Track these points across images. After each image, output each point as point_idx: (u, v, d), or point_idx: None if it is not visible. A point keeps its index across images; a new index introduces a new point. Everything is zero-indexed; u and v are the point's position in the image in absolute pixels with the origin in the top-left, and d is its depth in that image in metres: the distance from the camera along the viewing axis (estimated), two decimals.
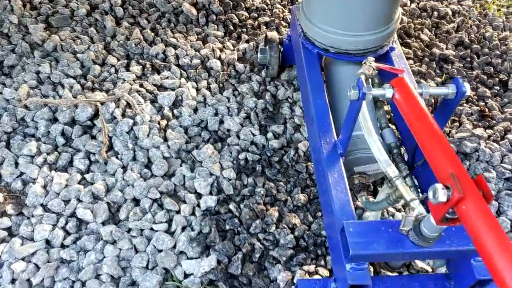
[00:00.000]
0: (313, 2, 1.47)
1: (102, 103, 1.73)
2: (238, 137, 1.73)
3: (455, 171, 0.83)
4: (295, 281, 1.38)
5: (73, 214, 1.48)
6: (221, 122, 1.76)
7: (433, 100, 1.88)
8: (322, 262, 1.43)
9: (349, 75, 1.51)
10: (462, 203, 0.79)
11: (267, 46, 1.86)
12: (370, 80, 1.25)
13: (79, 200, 1.50)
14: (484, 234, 0.76)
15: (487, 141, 1.78)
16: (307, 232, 1.50)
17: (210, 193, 1.56)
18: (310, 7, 1.50)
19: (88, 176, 1.56)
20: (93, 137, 1.68)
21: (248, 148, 1.70)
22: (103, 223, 1.46)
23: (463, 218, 0.80)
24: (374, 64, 1.21)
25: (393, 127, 1.67)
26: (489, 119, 1.89)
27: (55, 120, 1.71)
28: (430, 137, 0.94)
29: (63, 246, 1.42)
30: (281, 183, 1.62)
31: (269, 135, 1.74)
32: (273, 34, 1.88)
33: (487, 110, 1.92)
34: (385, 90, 1.05)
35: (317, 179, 1.35)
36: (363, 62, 1.21)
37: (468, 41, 2.22)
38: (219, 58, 1.98)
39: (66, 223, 1.45)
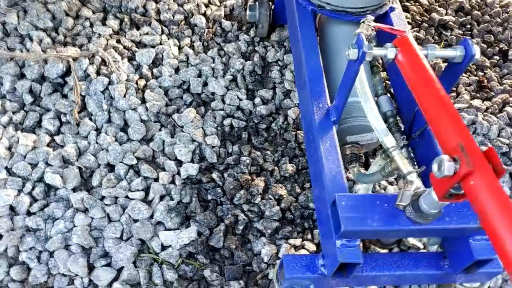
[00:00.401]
0: None
1: (74, 59, 1.60)
2: (223, 101, 1.62)
3: (464, 141, 0.75)
4: (280, 255, 1.31)
5: (40, 179, 1.39)
6: (205, 84, 1.65)
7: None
8: (309, 236, 1.37)
9: (345, 36, 1.39)
10: (470, 178, 0.71)
11: (257, 3, 1.74)
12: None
13: (47, 164, 1.41)
14: (494, 212, 0.69)
15: (485, 113, 1.70)
16: (294, 204, 1.42)
17: (192, 161, 1.47)
18: None
19: (58, 138, 1.47)
20: (64, 96, 1.57)
21: (234, 114, 1.60)
22: (74, 190, 1.38)
23: (471, 195, 0.73)
24: (373, 24, 1.09)
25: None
26: (488, 90, 1.81)
27: (22, 76, 1.59)
28: (436, 103, 0.86)
29: (29, 213, 1.34)
30: (268, 152, 1.53)
31: (257, 100, 1.63)
32: None
33: (485, 80, 1.84)
34: (387, 50, 0.95)
35: (307, 148, 1.26)
36: (361, 21, 1.09)
37: (469, 7, 2.11)
38: (204, 14, 1.85)
39: (33, 188, 1.37)
